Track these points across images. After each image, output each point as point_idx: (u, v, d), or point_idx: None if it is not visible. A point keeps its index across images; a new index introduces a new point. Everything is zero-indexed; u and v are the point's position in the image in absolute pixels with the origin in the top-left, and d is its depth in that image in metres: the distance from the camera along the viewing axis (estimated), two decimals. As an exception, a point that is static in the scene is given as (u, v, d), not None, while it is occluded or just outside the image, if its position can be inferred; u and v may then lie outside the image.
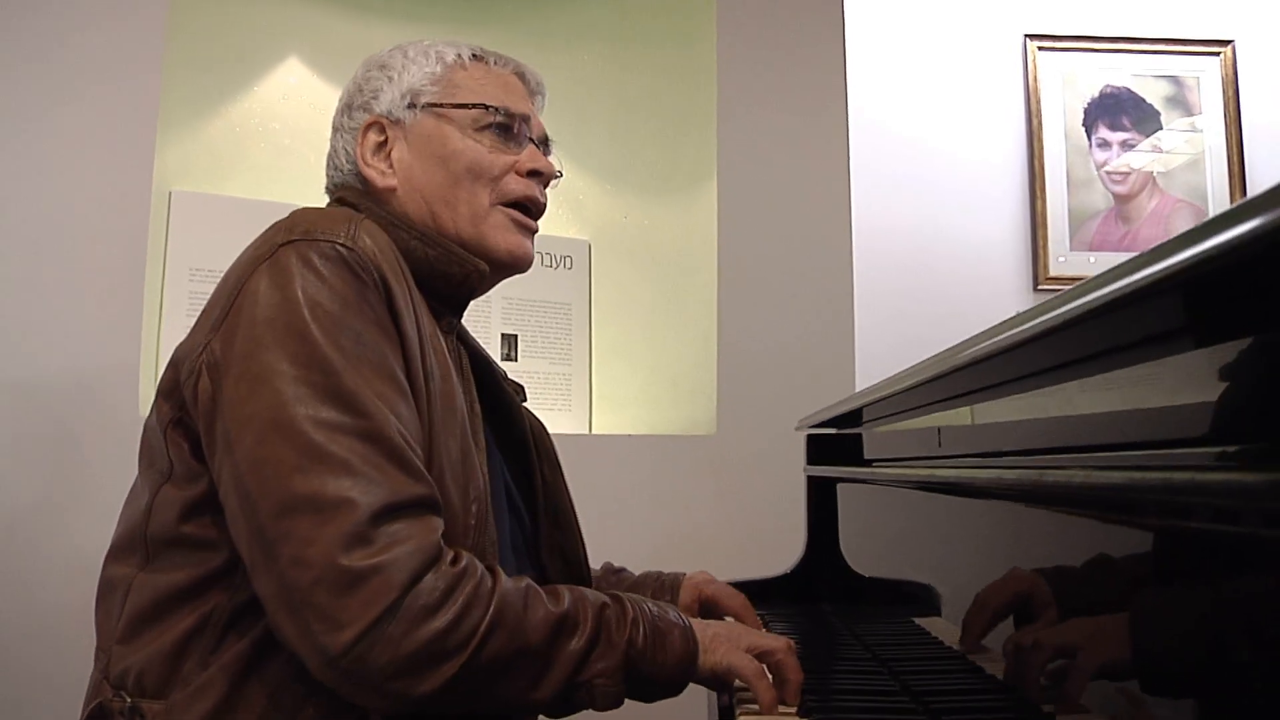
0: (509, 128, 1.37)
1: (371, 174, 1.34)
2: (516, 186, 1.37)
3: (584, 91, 3.18)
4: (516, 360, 3.06)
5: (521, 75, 1.44)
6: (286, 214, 1.20)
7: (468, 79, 1.38)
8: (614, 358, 3.18)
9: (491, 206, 1.35)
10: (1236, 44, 3.78)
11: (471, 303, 1.40)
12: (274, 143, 2.91)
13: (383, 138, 1.35)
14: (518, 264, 1.38)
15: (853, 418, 1.91)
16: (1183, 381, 0.70)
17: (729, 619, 1.55)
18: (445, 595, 1.03)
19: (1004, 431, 1.12)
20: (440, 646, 1.02)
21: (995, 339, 0.93)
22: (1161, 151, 3.72)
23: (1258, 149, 3.74)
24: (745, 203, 2.99)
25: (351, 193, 1.36)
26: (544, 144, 1.44)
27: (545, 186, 1.42)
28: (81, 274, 2.51)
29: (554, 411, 3.06)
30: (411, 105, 1.35)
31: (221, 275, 1.18)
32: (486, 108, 1.36)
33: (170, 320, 2.63)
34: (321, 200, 1.41)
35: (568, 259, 3.13)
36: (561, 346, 3.14)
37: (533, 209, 1.40)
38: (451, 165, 1.34)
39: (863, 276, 3.23)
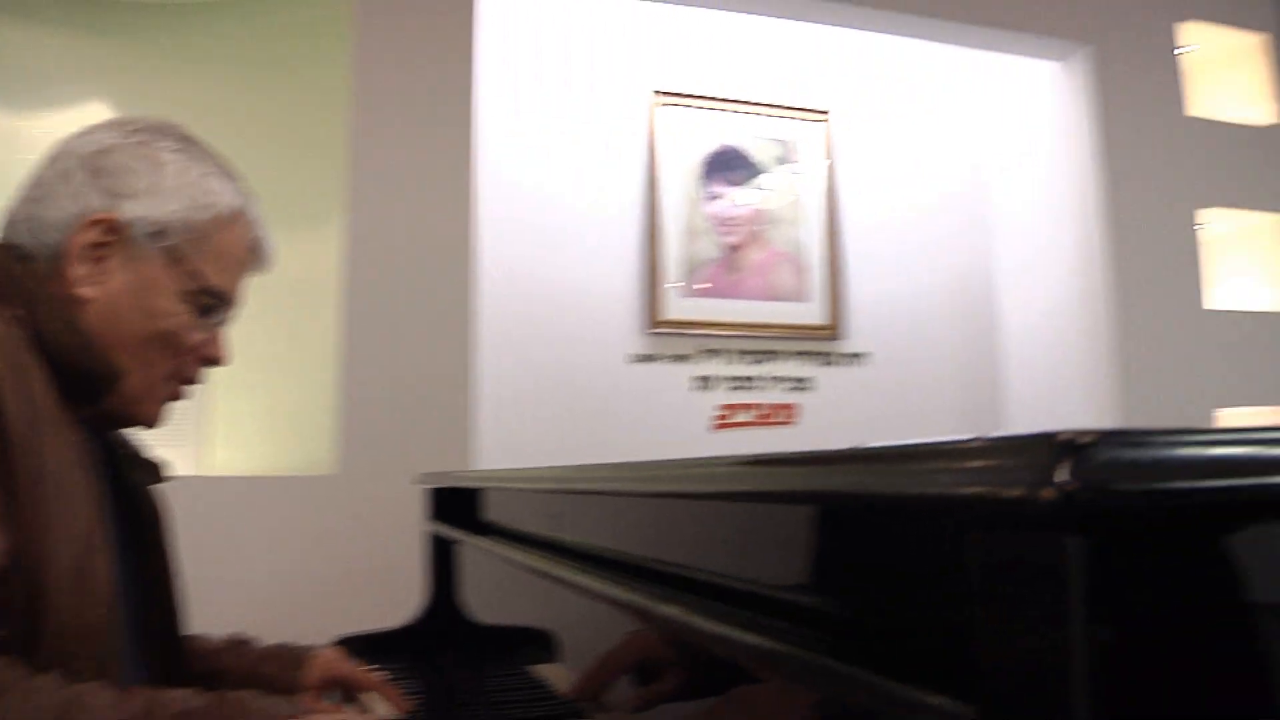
0: (216, 309, 1.31)
1: (75, 273, 1.21)
2: (192, 371, 1.32)
3: (211, 113, 3.08)
4: (126, 394, 2.93)
5: (257, 249, 1.39)
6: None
7: (219, 242, 1.30)
8: (232, 392, 3.10)
9: (165, 380, 1.29)
10: (832, 114, 4.14)
11: None
12: None
13: (105, 240, 1.23)
14: (150, 429, 1.33)
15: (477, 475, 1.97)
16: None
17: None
18: None
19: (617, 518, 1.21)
20: None
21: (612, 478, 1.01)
22: (767, 190, 4.03)
23: (847, 208, 4.13)
24: (373, 242, 3.01)
25: (18, 261, 1.22)
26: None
27: None
28: None
29: (169, 447, 2.93)
30: (154, 235, 1.24)
31: None
32: (214, 293, 1.29)
33: None
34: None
35: (185, 288, 3.02)
36: (176, 379, 3.03)
37: (192, 385, 1.35)
38: (155, 323, 1.25)
39: (491, 316, 3.31)
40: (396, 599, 2.21)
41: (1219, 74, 4.35)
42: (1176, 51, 4.20)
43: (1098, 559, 0.46)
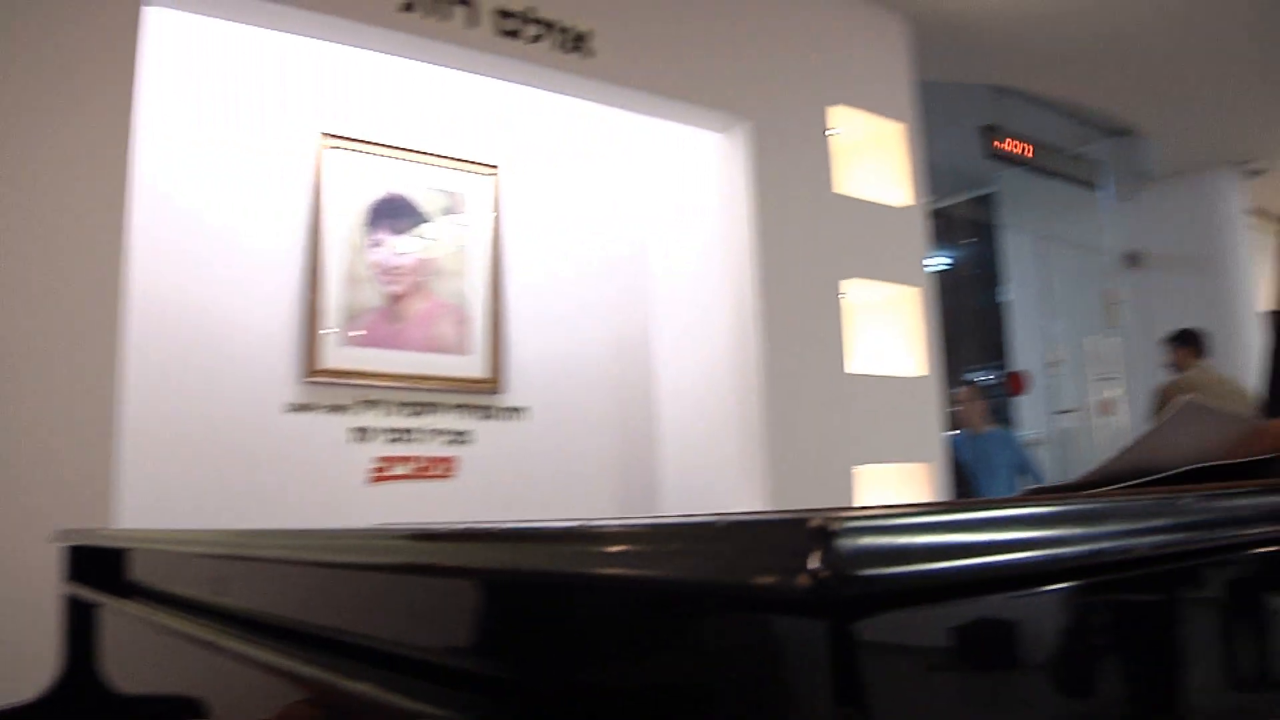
0: None
1: None
2: None
3: None
4: None
5: None
6: None
7: None
8: None
9: None
10: (501, 168, 4.18)
11: None
12: None
13: None
14: None
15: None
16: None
17: None
18: None
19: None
20: None
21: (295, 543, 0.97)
22: (432, 241, 4.00)
23: (512, 263, 4.18)
24: (7, 263, 2.77)
25: None
26: None
27: None
28: None
29: None
30: None
31: None
32: None
33: None
34: None
35: None
36: None
37: None
38: None
39: (138, 356, 3.11)
40: (25, 671, 2.04)
41: (863, 157, 4.72)
42: (827, 133, 4.52)
43: (847, 643, 0.47)
